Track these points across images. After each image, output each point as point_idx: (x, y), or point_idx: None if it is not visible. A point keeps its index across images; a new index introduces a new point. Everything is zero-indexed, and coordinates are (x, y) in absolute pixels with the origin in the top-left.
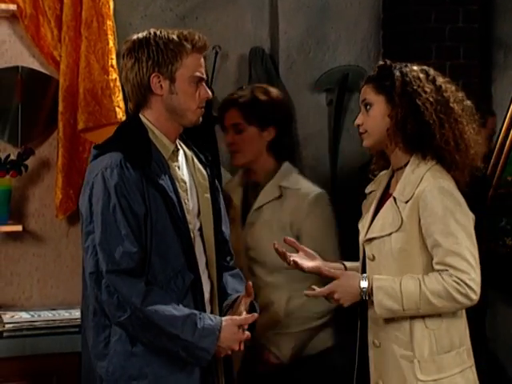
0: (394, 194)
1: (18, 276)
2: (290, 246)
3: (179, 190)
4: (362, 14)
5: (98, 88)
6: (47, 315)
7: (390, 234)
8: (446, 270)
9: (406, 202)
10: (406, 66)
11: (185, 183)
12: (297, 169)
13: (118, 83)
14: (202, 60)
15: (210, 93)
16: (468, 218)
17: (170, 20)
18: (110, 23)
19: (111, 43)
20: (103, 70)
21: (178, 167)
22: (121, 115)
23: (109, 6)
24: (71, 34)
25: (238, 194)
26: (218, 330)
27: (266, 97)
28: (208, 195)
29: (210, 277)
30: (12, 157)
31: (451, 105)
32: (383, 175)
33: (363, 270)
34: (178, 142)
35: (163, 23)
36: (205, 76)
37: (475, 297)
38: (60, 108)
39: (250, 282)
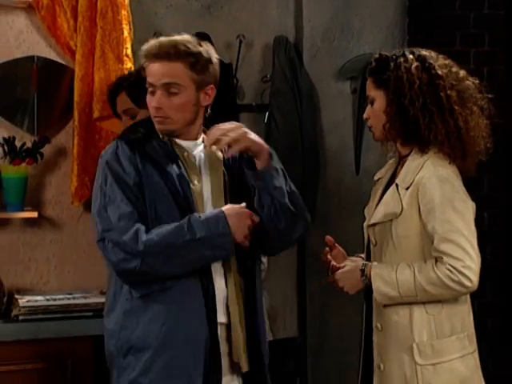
0: (397, 181)
1: (36, 261)
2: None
3: (183, 169)
4: (387, 2)
5: (113, 77)
6: (62, 300)
7: (391, 220)
8: (441, 258)
9: (407, 189)
10: (402, 55)
11: (195, 166)
12: None
13: None
14: (156, 67)
15: (154, 102)
16: (467, 206)
17: (196, 9)
18: (124, 13)
19: (126, 33)
20: (118, 60)
21: (187, 152)
22: None
23: None
24: (86, 24)
25: None
26: (222, 212)
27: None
28: (221, 179)
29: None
30: (28, 145)
31: (447, 92)
32: (391, 163)
33: (367, 255)
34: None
35: (188, 12)
36: (157, 83)
37: (470, 284)
38: (75, 97)
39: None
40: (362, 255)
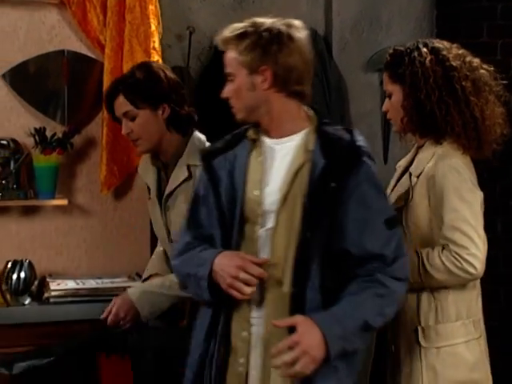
0: (410, 170)
1: (68, 247)
2: None
3: (245, 184)
4: None
5: None
6: (92, 284)
7: (402, 206)
8: (448, 245)
9: (417, 177)
10: (416, 48)
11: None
12: (205, 140)
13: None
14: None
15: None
16: (475, 196)
17: (228, 4)
18: (152, 8)
19: (153, 26)
20: (145, 53)
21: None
22: None
23: None
24: (115, 19)
25: (151, 174)
26: (214, 255)
27: (146, 73)
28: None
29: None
30: (59, 135)
31: (462, 83)
32: (413, 152)
33: None
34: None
35: (221, 7)
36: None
37: (475, 271)
38: (105, 89)
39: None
40: None
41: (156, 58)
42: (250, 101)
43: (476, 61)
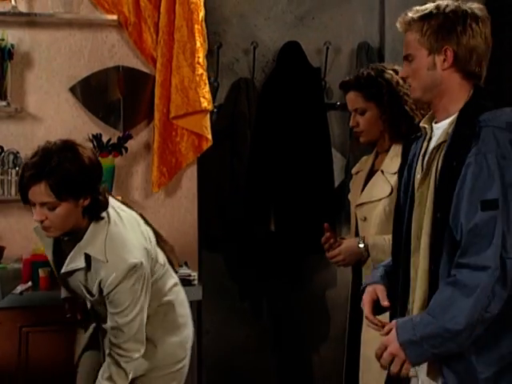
0: (382, 168)
1: None
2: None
3: (415, 171)
4: None
5: (186, 82)
6: None
7: (381, 199)
8: None
9: (395, 173)
10: (383, 71)
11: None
12: (106, 227)
13: (205, 77)
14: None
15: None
16: None
17: (290, 21)
18: (198, 27)
19: (198, 44)
20: (190, 67)
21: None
22: (205, 104)
23: (197, 13)
24: (165, 38)
25: (49, 243)
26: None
27: (77, 165)
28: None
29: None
30: (114, 141)
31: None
32: (365, 159)
33: (356, 231)
34: (439, 123)
35: (284, 24)
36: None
37: None
38: (156, 100)
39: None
40: (346, 237)
41: (200, 71)
42: (429, 80)
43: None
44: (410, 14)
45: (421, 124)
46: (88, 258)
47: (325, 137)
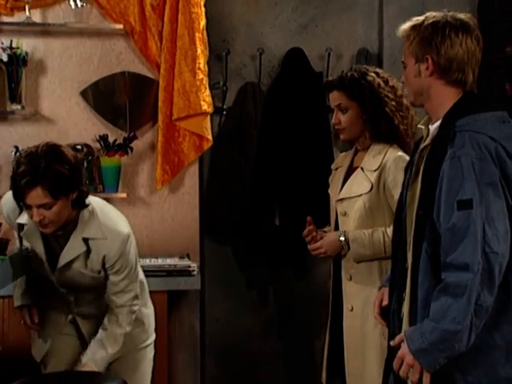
0: (362, 165)
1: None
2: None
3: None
4: None
5: (187, 86)
6: (147, 262)
7: (361, 195)
8: None
9: (375, 171)
10: (365, 73)
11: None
12: (94, 210)
13: (205, 82)
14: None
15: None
16: None
17: (294, 28)
18: (199, 35)
19: (199, 51)
20: (191, 73)
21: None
22: (205, 107)
23: (198, 22)
24: (168, 45)
25: (38, 240)
26: None
27: (66, 165)
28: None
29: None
30: (120, 141)
31: (404, 100)
32: (344, 155)
33: (336, 225)
34: (432, 125)
35: (288, 31)
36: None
37: None
38: (159, 103)
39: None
40: (326, 229)
41: (201, 76)
42: (416, 86)
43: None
44: (405, 25)
45: (419, 125)
46: (86, 241)
47: (326, 137)
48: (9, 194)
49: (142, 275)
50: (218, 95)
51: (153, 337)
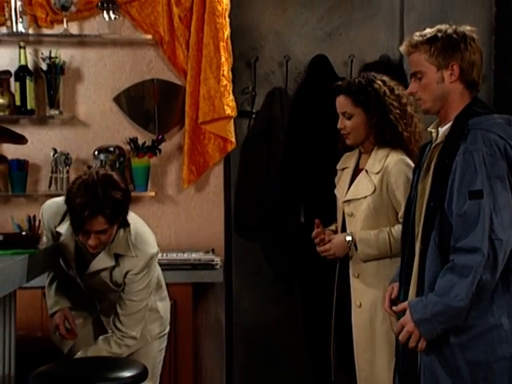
0: (366, 168)
1: (161, 228)
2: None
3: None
4: (475, 25)
5: (212, 92)
6: (174, 256)
7: (366, 196)
8: None
9: (377, 173)
10: (372, 80)
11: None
12: (128, 228)
13: (229, 88)
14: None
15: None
16: None
17: (320, 37)
18: (223, 44)
19: (223, 59)
20: (216, 79)
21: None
22: (229, 111)
23: (223, 32)
24: (195, 54)
25: (71, 248)
26: None
27: (121, 192)
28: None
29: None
30: (149, 143)
31: (408, 109)
32: (348, 156)
33: (343, 224)
34: (442, 128)
35: (313, 39)
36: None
37: None
38: (186, 107)
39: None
40: (333, 227)
41: (225, 82)
42: (439, 92)
43: (402, 90)
44: (416, 38)
45: (429, 129)
46: (117, 257)
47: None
48: (50, 202)
49: (159, 270)
50: (247, 100)
51: (167, 328)
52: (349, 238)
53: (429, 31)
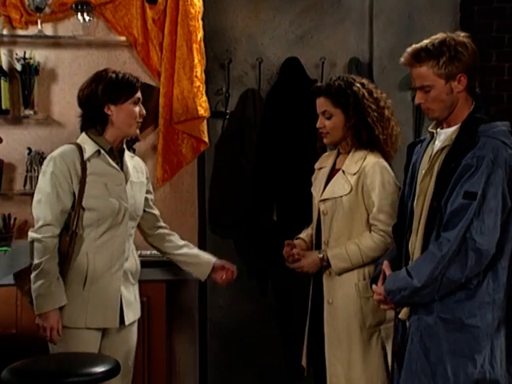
0: (343, 168)
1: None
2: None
3: (419, 168)
4: (441, 29)
5: (185, 93)
6: (148, 253)
7: (342, 196)
8: (375, 225)
9: (354, 174)
10: (352, 83)
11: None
12: None
13: (202, 89)
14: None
15: (417, 99)
16: (396, 187)
17: (291, 39)
18: (196, 46)
19: (196, 60)
20: (189, 80)
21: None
22: (202, 112)
23: (196, 34)
24: (168, 55)
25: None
26: None
27: None
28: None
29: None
30: None
31: (385, 112)
32: (327, 156)
33: (318, 223)
34: (443, 129)
35: (286, 42)
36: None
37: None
38: (160, 108)
39: None
40: (303, 235)
41: (198, 84)
42: (449, 103)
43: (385, 94)
44: (421, 52)
45: (429, 129)
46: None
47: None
48: (59, 157)
49: None
50: (221, 100)
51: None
52: (320, 256)
53: (431, 43)
